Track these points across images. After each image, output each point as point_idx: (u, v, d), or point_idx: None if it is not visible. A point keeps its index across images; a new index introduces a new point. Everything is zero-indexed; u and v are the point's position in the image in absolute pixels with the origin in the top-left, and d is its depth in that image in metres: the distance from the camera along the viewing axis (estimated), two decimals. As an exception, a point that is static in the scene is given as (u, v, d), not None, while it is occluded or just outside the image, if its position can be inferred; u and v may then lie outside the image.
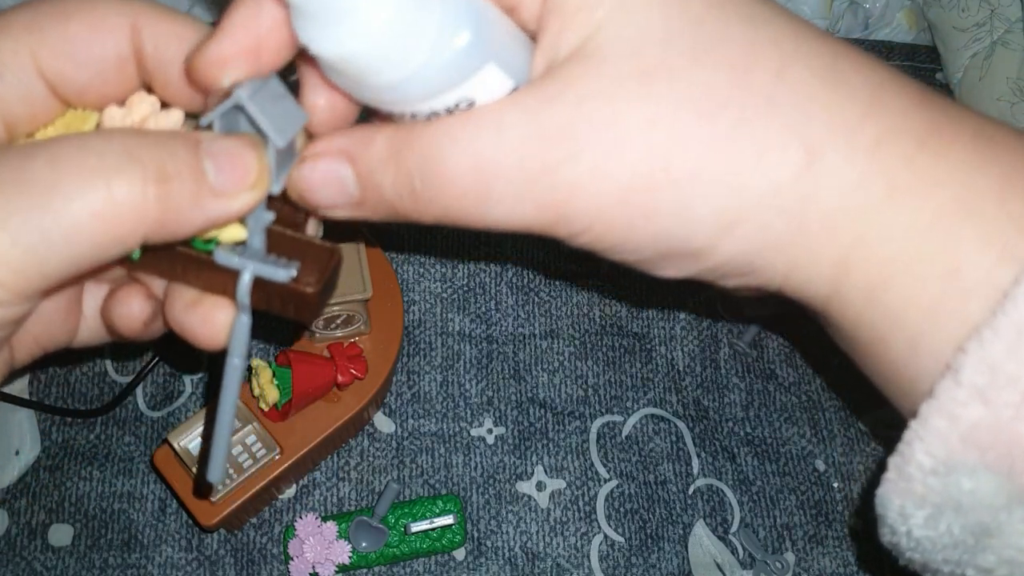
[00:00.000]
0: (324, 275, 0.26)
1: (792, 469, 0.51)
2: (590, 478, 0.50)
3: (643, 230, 0.25)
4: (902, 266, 0.25)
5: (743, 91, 0.24)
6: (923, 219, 0.25)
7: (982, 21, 0.58)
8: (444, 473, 0.49)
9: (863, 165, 0.24)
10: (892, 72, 0.26)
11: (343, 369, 0.44)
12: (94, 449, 0.49)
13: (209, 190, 0.24)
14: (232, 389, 0.27)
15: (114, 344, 0.48)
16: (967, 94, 0.58)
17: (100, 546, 0.47)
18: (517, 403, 0.51)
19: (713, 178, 0.24)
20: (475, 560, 0.48)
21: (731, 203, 0.24)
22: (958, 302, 0.24)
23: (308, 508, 0.48)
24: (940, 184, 0.25)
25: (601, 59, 0.24)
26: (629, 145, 0.24)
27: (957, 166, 0.25)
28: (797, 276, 0.26)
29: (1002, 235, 0.24)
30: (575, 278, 0.54)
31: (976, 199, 0.24)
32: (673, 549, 0.48)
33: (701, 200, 0.24)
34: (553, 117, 0.24)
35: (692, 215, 0.25)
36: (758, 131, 0.24)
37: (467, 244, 0.54)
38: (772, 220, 0.25)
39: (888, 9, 0.63)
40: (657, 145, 0.24)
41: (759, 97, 0.24)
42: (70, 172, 0.22)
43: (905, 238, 0.25)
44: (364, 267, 0.44)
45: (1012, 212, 0.24)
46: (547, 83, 0.24)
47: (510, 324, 0.53)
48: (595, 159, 0.24)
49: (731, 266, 0.26)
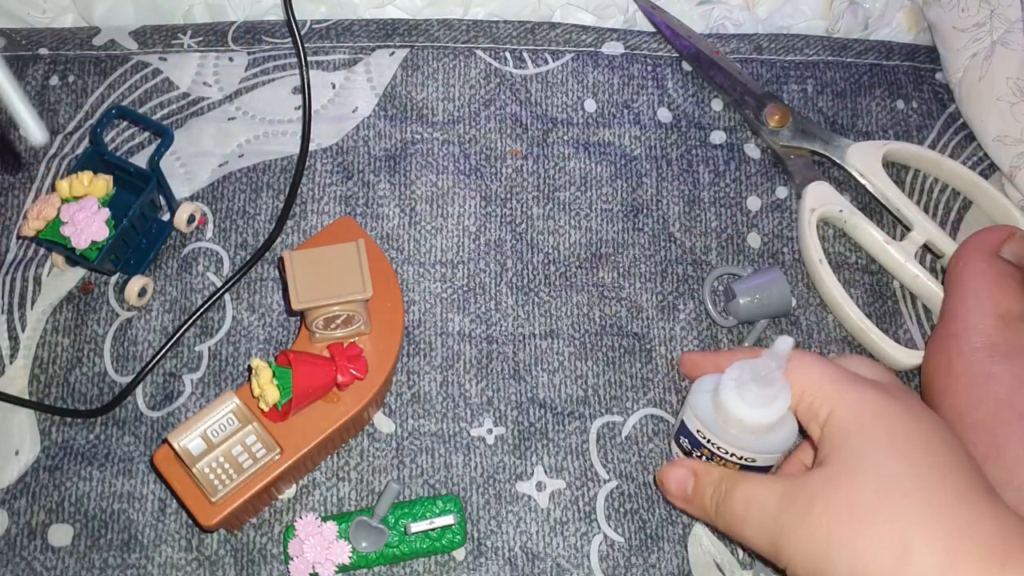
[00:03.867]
0: None
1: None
2: (590, 478, 0.50)
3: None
4: None
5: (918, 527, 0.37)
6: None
7: (982, 21, 0.58)
8: (444, 473, 0.49)
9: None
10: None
11: (343, 369, 0.44)
12: (94, 449, 0.49)
13: None
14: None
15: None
16: (967, 94, 0.58)
17: (100, 546, 0.47)
18: (517, 403, 0.51)
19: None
20: (475, 560, 0.48)
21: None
22: None
23: (308, 508, 0.48)
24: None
25: (838, 476, 0.39)
26: (828, 529, 0.38)
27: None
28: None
29: None
30: (575, 278, 0.54)
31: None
32: (673, 549, 0.48)
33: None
34: (799, 493, 0.40)
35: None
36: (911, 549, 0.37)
37: (467, 244, 0.54)
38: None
39: (888, 9, 0.63)
40: (837, 534, 0.38)
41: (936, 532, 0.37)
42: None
43: None
44: (364, 267, 0.44)
45: None
46: (807, 475, 0.40)
47: (510, 324, 0.53)
48: (806, 528, 0.39)
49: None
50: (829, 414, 0.41)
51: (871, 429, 0.40)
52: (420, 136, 0.56)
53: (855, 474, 0.39)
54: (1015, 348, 0.46)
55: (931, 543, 0.36)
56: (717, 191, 0.56)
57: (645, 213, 0.56)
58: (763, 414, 0.43)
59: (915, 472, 0.38)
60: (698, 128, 0.58)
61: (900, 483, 0.38)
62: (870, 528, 0.37)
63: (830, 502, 0.39)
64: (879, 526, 0.37)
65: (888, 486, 0.38)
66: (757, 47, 0.60)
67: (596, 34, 0.60)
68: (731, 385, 0.43)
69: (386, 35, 0.59)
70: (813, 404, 0.42)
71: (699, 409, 0.45)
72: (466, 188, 0.55)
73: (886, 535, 0.37)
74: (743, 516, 0.42)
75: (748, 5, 0.62)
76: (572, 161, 0.56)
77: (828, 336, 0.54)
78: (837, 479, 0.39)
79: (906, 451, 0.39)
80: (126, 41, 0.58)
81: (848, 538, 0.38)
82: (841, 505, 0.38)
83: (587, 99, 0.58)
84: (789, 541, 0.39)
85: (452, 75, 0.58)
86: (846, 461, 0.40)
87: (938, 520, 0.37)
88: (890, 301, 0.55)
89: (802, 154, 0.57)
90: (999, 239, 0.50)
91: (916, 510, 0.37)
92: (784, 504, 0.40)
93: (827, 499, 0.39)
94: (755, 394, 0.42)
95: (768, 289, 0.52)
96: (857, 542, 0.37)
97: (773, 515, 0.40)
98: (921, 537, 0.36)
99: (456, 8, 0.61)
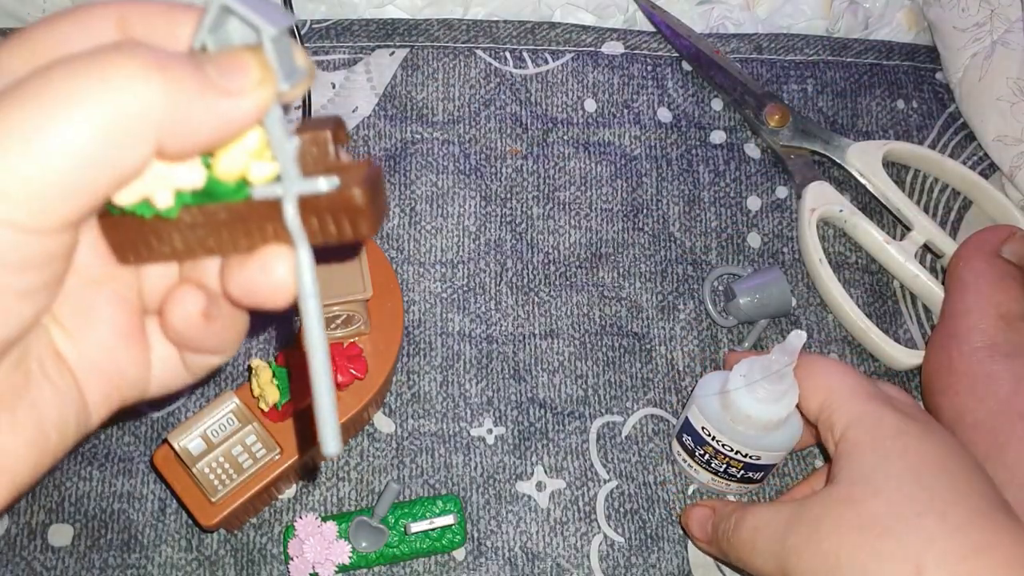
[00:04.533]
0: (368, 178, 0.25)
1: (792, 469, 0.51)
2: (590, 478, 0.50)
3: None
4: None
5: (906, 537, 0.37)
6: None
7: (982, 21, 0.58)
8: (444, 473, 0.49)
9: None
10: None
11: (343, 369, 0.44)
12: (94, 449, 0.49)
13: (213, 88, 0.23)
14: (317, 332, 0.25)
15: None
16: (967, 94, 0.58)
17: (100, 546, 0.47)
18: (517, 403, 0.51)
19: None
20: (475, 560, 0.48)
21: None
22: None
23: (308, 508, 0.48)
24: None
25: (850, 493, 0.39)
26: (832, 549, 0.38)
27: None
28: None
29: None
30: (575, 278, 0.54)
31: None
32: (673, 549, 0.48)
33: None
34: (807, 513, 0.39)
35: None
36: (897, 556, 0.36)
37: (467, 244, 0.54)
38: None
39: (888, 9, 0.63)
40: (847, 553, 0.37)
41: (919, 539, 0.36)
42: (66, 73, 0.21)
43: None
44: (364, 267, 0.44)
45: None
46: (815, 495, 0.40)
47: (510, 324, 0.53)
48: (814, 547, 0.38)
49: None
50: (845, 429, 0.40)
51: (886, 448, 0.39)
52: (420, 136, 0.56)
53: (867, 492, 0.38)
54: (1016, 348, 0.46)
55: (945, 563, 0.35)
56: (717, 191, 0.56)
57: (645, 213, 0.56)
58: (772, 410, 0.42)
59: (929, 491, 0.37)
60: (698, 128, 0.58)
61: (914, 502, 0.37)
62: (881, 546, 0.36)
63: (840, 520, 0.38)
64: (891, 545, 0.36)
65: (901, 504, 0.37)
66: (757, 47, 0.60)
67: (596, 34, 0.60)
68: (740, 381, 0.43)
69: (386, 35, 0.59)
70: (831, 417, 0.41)
71: (705, 406, 0.45)
72: (466, 188, 0.55)
73: (898, 554, 0.36)
74: (751, 544, 0.41)
75: (748, 5, 0.62)
76: (572, 161, 0.56)
77: (828, 336, 0.54)
78: (848, 496, 0.38)
79: (921, 471, 0.38)
80: (126, 41, 0.58)
81: (858, 557, 0.37)
82: (851, 523, 0.37)
83: (587, 99, 0.58)
84: (798, 563, 0.38)
85: (452, 75, 0.58)
86: (858, 479, 0.39)
87: (953, 539, 0.36)
88: (890, 301, 0.55)
89: (802, 154, 0.57)
90: (1000, 239, 0.50)
91: (930, 529, 0.36)
92: (791, 526, 0.39)
93: (837, 517, 0.38)
94: (765, 390, 0.42)
95: (768, 289, 0.52)
96: (868, 562, 0.36)
97: (780, 539, 0.39)
98: (935, 557, 0.35)
99: (456, 8, 0.61)
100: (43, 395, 0.25)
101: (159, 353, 0.29)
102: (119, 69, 0.21)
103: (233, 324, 0.28)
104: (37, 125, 0.21)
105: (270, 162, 0.25)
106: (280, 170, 0.25)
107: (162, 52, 0.22)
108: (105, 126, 0.21)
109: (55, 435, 0.25)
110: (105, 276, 0.27)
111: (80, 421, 0.26)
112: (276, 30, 0.24)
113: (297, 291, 0.25)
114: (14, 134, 0.21)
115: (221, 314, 0.27)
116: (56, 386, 0.25)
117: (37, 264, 0.22)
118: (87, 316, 0.26)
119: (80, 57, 0.22)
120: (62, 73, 0.21)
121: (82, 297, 0.26)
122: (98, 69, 0.21)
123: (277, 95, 0.24)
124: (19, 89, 0.21)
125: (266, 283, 0.25)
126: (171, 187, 0.25)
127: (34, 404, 0.25)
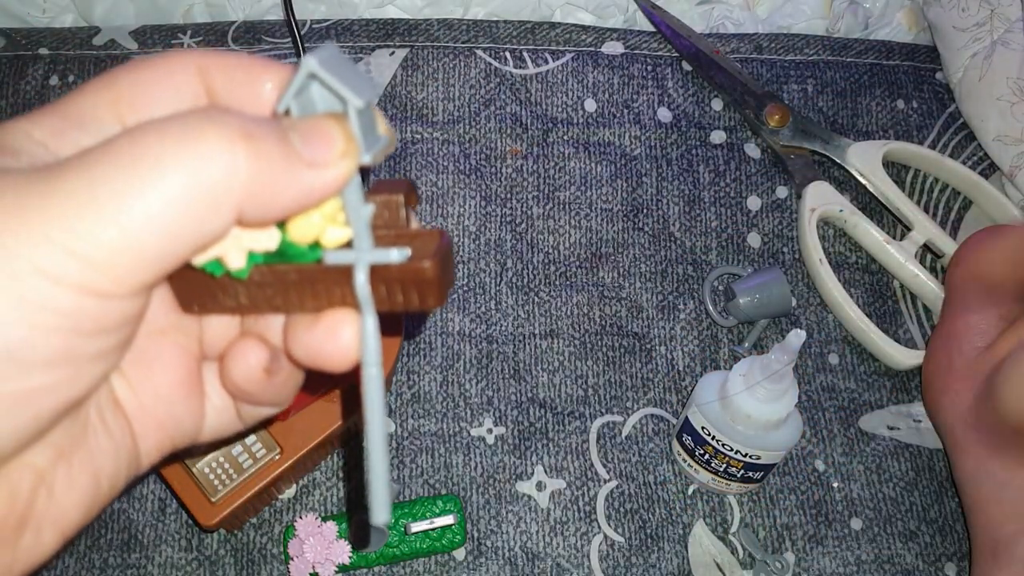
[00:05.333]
0: (439, 251, 0.25)
1: (792, 469, 0.51)
2: (590, 478, 0.50)
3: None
4: None
5: None
6: None
7: (982, 21, 0.58)
8: (444, 473, 0.49)
9: None
10: None
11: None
12: (94, 449, 0.49)
13: (298, 158, 0.23)
14: (377, 404, 0.25)
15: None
16: (967, 94, 0.58)
17: (100, 546, 0.47)
18: (517, 403, 0.51)
19: None
20: (475, 560, 0.48)
21: None
22: None
23: (308, 508, 0.48)
24: None
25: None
26: None
27: None
28: None
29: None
30: (575, 278, 0.54)
31: None
32: (673, 549, 0.48)
33: None
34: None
35: None
36: None
37: (467, 244, 0.54)
38: None
39: (888, 9, 0.63)
40: None
41: None
42: (156, 139, 0.21)
43: None
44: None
45: None
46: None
47: (510, 324, 0.53)
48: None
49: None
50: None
51: None
52: (420, 136, 0.56)
53: None
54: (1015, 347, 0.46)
55: None
56: (717, 191, 0.56)
57: (645, 213, 0.56)
58: (772, 410, 0.43)
59: None
60: (698, 128, 0.58)
61: None
62: None
63: None
64: None
65: None
66: (757, 47, 0.60)
67: (596, 34, 0.60)
68: (740, 380, 0.43)
69: (386, 35, 0.59)
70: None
71: (705, 406, 0.45)
72: (466, 188, 0.55)
73: None
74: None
75: (748, 5, 0.62)
76: (572, 161, 0.56)
77: (828, 336, 0.54)
78: None
79: None
80: (126, 41, 0.58)
81: None
82: None
83: (587, 99, 0.58)
84: None
85: (452, 75, 0.58)
86: None
87: None
88: (890, 301, 0.55)
89: (802, 154, 0.57)
90: (998, 239, 0.50)
91: None
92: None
93: None
94: (764, 390, 0.42)
95: (768, 289, 0.52)
96: None
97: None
98: None
99: (456, 8, 0.61)
100: (99, 445, 0.25)
101: (214, 403, 0.29)
102: (208, 139, 0.21)
103: (291, 379, 0.28)
104: (125, 192, 0.21)
105: (343, 227, 0.25)
106: (354, 237, 0.25)
107: (249, 119, 0.22)
108: (191, 197, 0.21)
109: (107, 484, 0.25)
110: (169, 326, 0.27)
111: (132, 469, 0.26)
112: (363, 103, 0.24)
113: (360, 358, 0.25)
114: (101, 198, 0.20)
115: (282, 369, 0.27)
116: (112, 435, 0.25)
117: (112, 328, 0.22)
118: (149, 366, 0.26)
119: (169, 124, 0.21)
120: (152, 139, 0.21)
121: (146, 347, 0.26)
122: (190, 139, 0.21)
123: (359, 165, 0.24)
124: (109, 152, 0.21)
125: (332, 347, 0.25)
126: (245, 249, 0.25)
127: (90, 454, 0.24)
